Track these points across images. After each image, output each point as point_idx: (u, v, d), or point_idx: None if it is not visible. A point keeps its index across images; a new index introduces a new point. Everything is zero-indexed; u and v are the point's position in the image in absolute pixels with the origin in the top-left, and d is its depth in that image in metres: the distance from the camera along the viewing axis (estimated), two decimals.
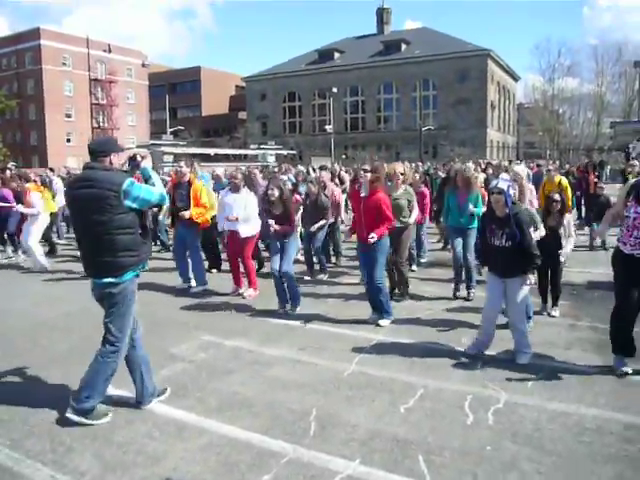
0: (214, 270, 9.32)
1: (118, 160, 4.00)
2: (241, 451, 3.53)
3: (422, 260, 9.82)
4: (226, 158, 40.78)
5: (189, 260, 8.15)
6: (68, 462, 3.46)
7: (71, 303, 7.43)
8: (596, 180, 11.84)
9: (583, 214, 13.62)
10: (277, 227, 6.68)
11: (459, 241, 7.26)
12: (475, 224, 6.92)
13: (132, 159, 4.24)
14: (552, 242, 6.05)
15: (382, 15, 65.84)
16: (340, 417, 3.93)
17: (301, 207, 8.83)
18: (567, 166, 19.87)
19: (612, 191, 11.61)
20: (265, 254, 9.17)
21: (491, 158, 47.97)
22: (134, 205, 3.81)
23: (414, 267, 9.08)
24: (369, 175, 6.09)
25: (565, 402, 4.10)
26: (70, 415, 3.89)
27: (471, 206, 7.02)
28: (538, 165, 11.76)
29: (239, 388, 4.51)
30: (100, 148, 3.90)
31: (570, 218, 6.36)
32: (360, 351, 5.29)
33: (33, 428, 3.90)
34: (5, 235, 11.36)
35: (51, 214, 11.16)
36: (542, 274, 6.33)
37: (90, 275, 3.98)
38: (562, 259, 6.15)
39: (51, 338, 5.94)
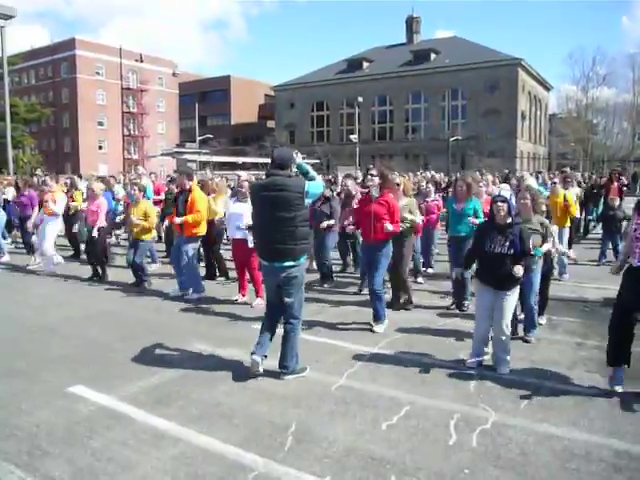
0: (221, 278, 9.32)
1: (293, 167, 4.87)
2: (212, 463, 3.46)
3: (429, 270, 9.77)
4: (255, 166, 41.06)
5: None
6: (40, 466, 3.45)
7: (74, 308, 7.51)
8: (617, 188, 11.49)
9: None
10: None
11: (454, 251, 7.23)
12: (472, 233, 6.70)
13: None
14: None
15: (412, 24, 65.58)
16: (319, 432, 3.83)
17: None
18: (593, 177, 19.27)
19: None
20: None
21: (521, 169, 47.27)
22: (311, 200, 4.86)
23: (420, 279, 8.99)
24: (376, 179, 6.33)
25: (556, 425, 3.91)
26: (287, 377, 4.81)
27: (472, 218, 6.93)
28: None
29: (224, 398, 4.44)
30: (285, 162, 4.75)
31: (555, 229, 6.48)
32: (353, 364, 5.17)
33: (14, 430, 3.92)
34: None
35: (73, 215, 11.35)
36: None
37: (272, 260, 4.78)
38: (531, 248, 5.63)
39: (49, 342, 5.98)
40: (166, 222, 9.88)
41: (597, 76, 61.89)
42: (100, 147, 58.36)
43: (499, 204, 4.90)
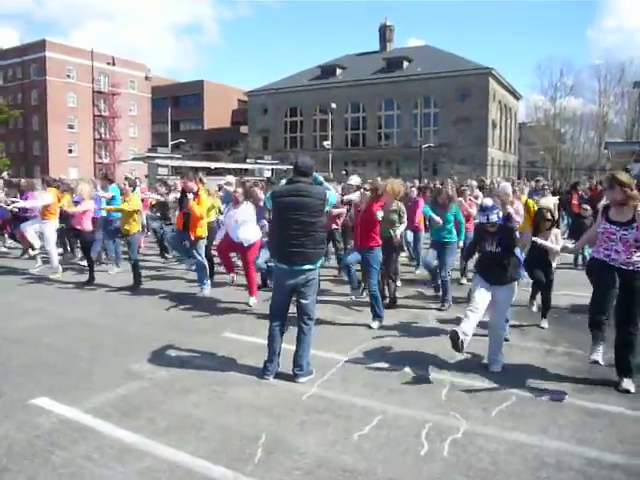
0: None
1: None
2: (180, 477, 3.36)
3: (417, 271, 10.35)
4: (227, 172, 40.66)
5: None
6: None
7: (44, 316, 7.30)
8: (576, 202, 11.83)
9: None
10: None
11: (434, 253, 7.90)
12: (454, 239, 7.76)
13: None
14: (543, 256, 6.60)
15: (385, 32, 66.20)
16: (289, 443, 3.76)
17: None
18: (557, 185, 19.79)
19: None
20: None
21: (491, 176, 47.93)
22: (328, 208, 5.12)
23: (399, 283, 9.10)
24: (368, 193, 7.04)
25: (527, 433, 3.92)
26: (301, 380, 4.90)
27: (437, 218, 7.65)
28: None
29: (193, 409, 4.34)
30: (309, 170, 5.01)
31: (558, 232, 6.94)
32: (325, 373, 5.11)
33: None
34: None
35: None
36: (534, 283, 6.94)
37: (292, 264, 4.89)
38: (556, 248, 6.47)
39: (12, 352, 5.77)
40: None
41: (564, 86, 63.32)
42: (70, 150, 57.28)
43: (490, 229, 5.32)
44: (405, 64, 59.37)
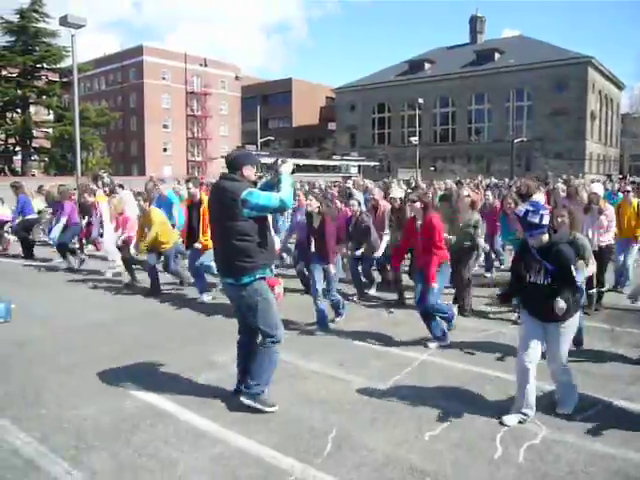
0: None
1: (251, 171, 4.21)
2: (250, 465, 3.45)
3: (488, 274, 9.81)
4: (314, 169, 41.32)
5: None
6: (86, 459, 3.55)
7: (124, 309, 7.71)
8: None
9: None
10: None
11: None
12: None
13: (274, 164, 4.44)
14: None
15: (475, 24, 64.24)
16: (359, 439, 3.76)
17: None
18: None
19: None
20: None
21: (590, 172, 45.32)
22: (253, 213, 3.97)
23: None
24: (418, 204, 5.90)
25: (611, 444, 3.67)
26: (244, 400, 4.22)
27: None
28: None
29: None
30: (234, 161, 4.17)
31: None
32: (400, 371, 5.06)
33: (64, 424, 4.05)
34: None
35: None
36: None
37: (220, 275, 4.41)
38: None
39: (97, 341, 6.11)
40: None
41: None
42: (165, 149, 60.38)
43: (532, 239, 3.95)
44: (497, 56, 57.29)
